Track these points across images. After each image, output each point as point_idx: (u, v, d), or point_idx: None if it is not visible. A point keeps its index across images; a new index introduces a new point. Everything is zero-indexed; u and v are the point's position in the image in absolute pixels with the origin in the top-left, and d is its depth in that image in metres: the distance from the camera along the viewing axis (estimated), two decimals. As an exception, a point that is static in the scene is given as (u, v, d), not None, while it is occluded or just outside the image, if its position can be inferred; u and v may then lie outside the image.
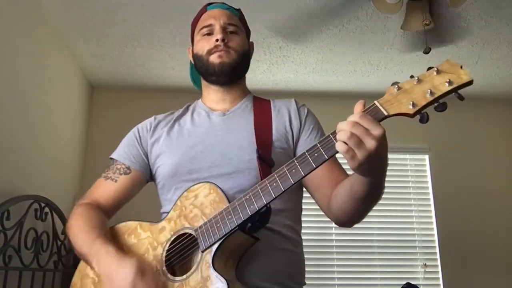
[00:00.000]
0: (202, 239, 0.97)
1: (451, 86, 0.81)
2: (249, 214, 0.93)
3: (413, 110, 0.81)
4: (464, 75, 0.81)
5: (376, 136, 0.80)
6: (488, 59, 3.04)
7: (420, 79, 0.83)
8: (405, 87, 0.84)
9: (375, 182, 0.91)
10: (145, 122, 1.30)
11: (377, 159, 0.83)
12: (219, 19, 1.24)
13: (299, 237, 1.18)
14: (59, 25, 2.60)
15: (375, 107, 0.85)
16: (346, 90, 3.48)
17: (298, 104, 1.27)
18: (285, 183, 0.90)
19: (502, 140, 3.56)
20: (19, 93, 2.23)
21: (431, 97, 0.81)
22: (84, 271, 1.11)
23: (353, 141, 0.80)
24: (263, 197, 0.92)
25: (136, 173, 1.23)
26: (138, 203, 1.42)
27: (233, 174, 1.11)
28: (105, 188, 1.22)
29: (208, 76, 1.25)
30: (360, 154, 0.81)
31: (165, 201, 1.20)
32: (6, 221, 1.91)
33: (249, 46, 1.31)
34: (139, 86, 3.39)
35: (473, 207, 3.35)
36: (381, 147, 0.81)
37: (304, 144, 1.19)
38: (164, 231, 1.06)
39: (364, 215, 1.04)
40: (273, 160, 1.11)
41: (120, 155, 1.25)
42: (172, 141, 1.21)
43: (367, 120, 0.81)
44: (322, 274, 3.22)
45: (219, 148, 1.15)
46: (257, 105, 1.27)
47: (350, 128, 0.81)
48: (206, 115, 1.26)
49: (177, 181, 1.15)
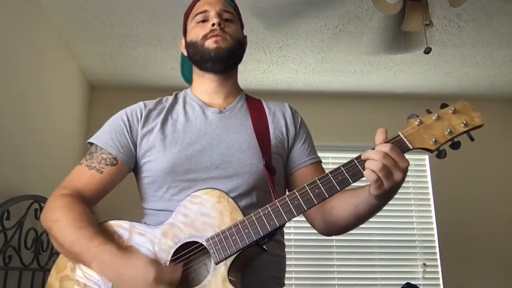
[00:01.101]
0: (215, 250, 0.94)
1: (466, 127, 0.90)
2: (269, 230, 0.93)
3: (435, 147, 0.90)
4: (477, 118, 0.90)
5: (403, 169, 0.87)
6: (488, 59, 3.04)
7: (439, 116, 0.91)
8: (426, 122, 0.91)
9: (383, 205, 0.98)
10: (134, 108, 1.20)
11: (398, 188, 0.91)
12: (214, 6, 1.21)
13: (283, 239, 1.19)
14: (59, 25, 2.60)
15: (399, 139, 0.91)
16: (346, 90, 3.48)
17: (292, 110, 1.27)
18: (308, 202, 0.92)
19: (502, 140, 3.56)
20: (19, 93, 2.22)
21: (450, 136, 0.90)
22: (63, 271, 1.02)
23: (384, 173, 0.86)
24: (284, 215, 0.93)
25: (122, 164, 1.13)
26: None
27: (233, 177, 1.09)
28: (89, 179, 1.11)
29: (203, 63, 1.20)
30: (387, 184, 0.88)
31: (152, 197, 1.13)
32: (6, 221, 1.91)
33: (243, 37, 1.27)
34: (139, 86, 3.39)
35: (473, 207, 3.35)
36: (404, 178, 0.89)
37: (298, 152, 1.20)
38: (166, 236, 0.99)
39: (354, 228, 1.10)
40: (275, 168, 1.11)
41: (105, 142, 1.14)
42: (166, 135, 1.14)
43: (396, 152, 0.87)
44: (322, 274, 3.23)
45: (219, 149, 1.12)
46: (251, 105, 1.24)
47: (381, 159, 0.86)
48: (201, 110, 1.20)
49: (171, 180, 1.09)
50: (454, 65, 3.12)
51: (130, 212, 1.29)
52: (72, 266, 1.03)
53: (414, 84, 3.39)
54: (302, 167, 1.19)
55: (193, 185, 1.07)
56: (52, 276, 1.04)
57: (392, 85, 3.40)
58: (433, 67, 3.15)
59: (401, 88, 3.45)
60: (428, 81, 3.34)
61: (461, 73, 3.23)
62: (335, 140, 3.40)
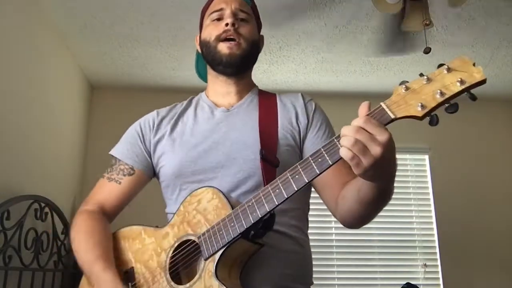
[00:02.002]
0: (205, 246, 0.95)
1: (463, 85, 0.74)
2: (252, 222, 0.90)
3: (422, 113, 0.76)
4: (477, 74, 0.74)
5: (382, 142, 0.76)
6: (488, 59, 3.04)
7: (429, 78, 0.77)
8: (414, 87, 0.78)
9: (383, 187, 0.87)
10: (147, 118, 1.24)
11: (384, 165, 0.79)
12: (230, 4, 1.19)
13: (306, 236, 1.15)
14: (59, 25, 2.60)
15: (381, 109, 0.79)
16: (346, 90, 3.48)
17: (306, 99, 1.22)
18: (288, 189, 0.87)
19: (502, 140, 3.56)
20: (19, 93, 2.22)
21: (441, 98, 0.75)
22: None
23: (358, 148, 0.76)
24: (266, 205, 0.89)
25: (140, 173, 1.19)
26: (140, 200, 1.37)
27: (239, 175, 1.08)
28: (109, 191, 1.18)
29: (215, 65, 1.19)
30: (365, 161, 0.76)
31: (169, 200, 1.17)
32: (6, 221, 1.91)
33: (259, 38, 1.25)
34: (139, 86, 3.39)
35: (473, 207, 3.35)
36: (387, 153, 0.76)
37: (311, 141, 1.15)
38: (167, 237, 1.03)
39: (372, 217, 1.00)
40: (278, 159, 1.06)
41: (122, 153, 1.20)
42: (175, 140, 1.17)
43: (371, 124, 0.76)
44: (322, 274, 3.22)
45: (224, 147, 1.11)
46: (263, 99, 1.23)
47: (354, 134, 0.76)
48: (210, 111, 1.21)
49: (181, 182, 1.12)
50: (454, 65, 3.12)
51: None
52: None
53: (414, 84, 3.39)
54: None
55: (201, 185, 1.06)
56: (83, 281, 1.11)
57: (392, 85, 3.36)
58: (433, 67, 3.11)
59: (401, 88, 3.44)
60: (428, 81, 3.34)
61: (461, 73, 3.23)
62: (335, 140, 3.40)
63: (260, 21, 1.30)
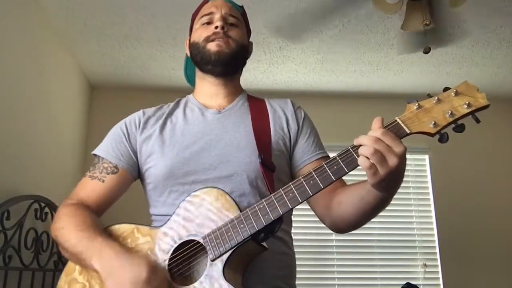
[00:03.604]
0: (211, 247, 0.93)
1: (470, 108, 0.84)
2: (264, 224, 0.90)
3: (434, 130, 0.84)
4: (482, 99, 0.85)
5: (398, 153, 0.82)
6: (488, 59, 3.04)
7: (439, 99, 0.86)
8: (426, 106, 0.86)
9: (386, 197, 0.92)
10: (133, 117, 1.22)
11: (397, 176, 0.85)
12: (220, 9, 1.21)
13: (291, 238, 1.16)
14: (59, 25, 2.60)
15: (396, 124, 0.86)
16: (346, 90, 3.48)
17: (295, 106, 1.24)
18: (303, 194, 0.89)
19: (502, 140, 3.57)
20: (19, 93, 2.23)
21: (451, 118, 0.84)
22: (72, 275, 1.04)
23: (377, 158, 0.81)
24: (279, 208, 0.90)
25: (124, 172, 1.15)
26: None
27: (232, 177, 1.07)
28: (91, 189, 1.14)
29: (204, 65, 1.19)
30: (382, 171, 0.82)
31: (156, 202, 1.13)
32: (6, 221, 1.91)
33: (248, 44, 1.27)
34: (139, 86, 3.39)
35: (473, 207, 3.35)
36: (401, 165, 0.83)
37: (302, 148, 1.17)
38: (166, 236, 1.00)
39: (364, 224, 1.05)
40: (274, 164, 1.08)
41: (106, 152, 1.17)
42: (164, 140, 1.14)
43: (389, 137, 0.82)
44: (322, 274, 3.22)
45: (216, 149, 1.10)
46: (253, 103, 1.23)
47: (373, 144, 0.81)
48: (200, 112, 1.20)
49: (171, 184, 1.09)
50: (454, 65, 3.12)
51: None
52: (79, 269, 1.04)
53: (414, 84, 3.39)
54: (308, 163, 1.15)
55: (193, 187, 1.06)
56: (62, 279, 1.06)
57: (392, 85, 3.40)
58: (433, 67, 3.15)
59: (401, 88, 3.45)
60: (428, 81, 3.34)
61: (461, 73, 3.23)
62: (335, 140, 3.38)
63: (250, 29, 1.31)
